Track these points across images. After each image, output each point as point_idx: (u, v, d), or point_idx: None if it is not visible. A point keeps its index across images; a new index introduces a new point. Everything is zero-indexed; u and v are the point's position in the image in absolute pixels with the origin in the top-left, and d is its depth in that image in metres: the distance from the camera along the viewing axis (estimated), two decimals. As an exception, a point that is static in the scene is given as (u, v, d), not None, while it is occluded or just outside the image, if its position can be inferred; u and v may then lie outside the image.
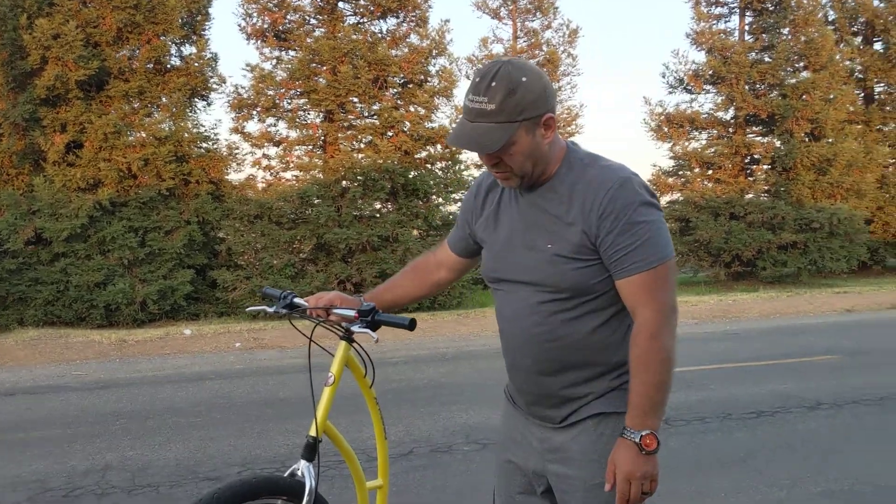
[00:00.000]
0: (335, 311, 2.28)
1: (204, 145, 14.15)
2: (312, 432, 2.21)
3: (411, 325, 2.18)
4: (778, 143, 17.96)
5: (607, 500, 1.88)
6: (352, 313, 2.23)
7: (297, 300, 2.38)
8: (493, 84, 1.78)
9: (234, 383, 7.33)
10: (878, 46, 20.65)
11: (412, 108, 14.89)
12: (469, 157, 15.78)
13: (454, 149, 14.38)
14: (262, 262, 13.34)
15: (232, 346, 10.21)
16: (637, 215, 1.81)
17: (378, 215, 14.29)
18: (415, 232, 14.23)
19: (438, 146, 14.78)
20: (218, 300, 13.46)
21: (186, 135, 13.50)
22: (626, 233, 1.81)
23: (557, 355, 1.92)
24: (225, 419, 5.79)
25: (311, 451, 2.20)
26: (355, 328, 2.24)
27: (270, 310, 2.40)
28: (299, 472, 2.19)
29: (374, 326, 2.22)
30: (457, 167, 15.05)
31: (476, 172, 15.52)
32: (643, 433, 1.82)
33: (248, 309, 2.53)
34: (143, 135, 13.22)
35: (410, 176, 14.20)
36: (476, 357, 8.72)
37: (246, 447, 5.03)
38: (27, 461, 4.81)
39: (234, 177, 14.93)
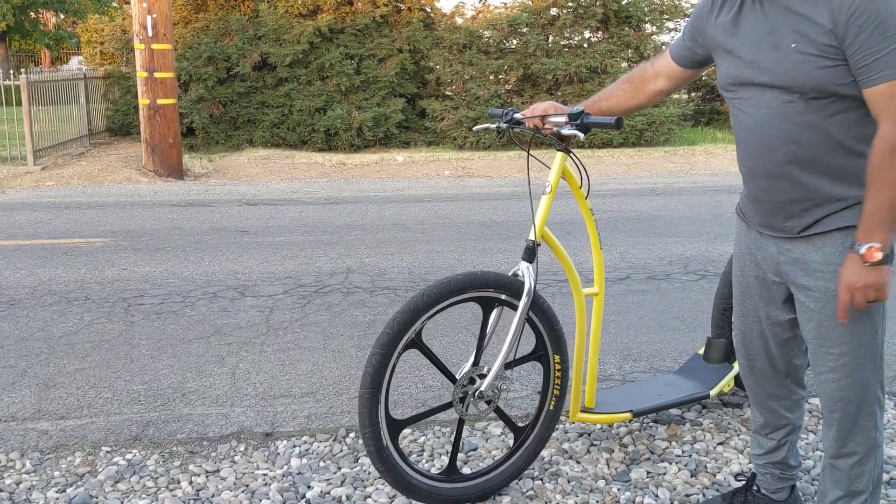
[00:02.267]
0: (549, 119, 2.42)
1: (415, -29, 14.12)
2: (532, 236, 2.37)
3: (618, 124, 2.27)
4: None
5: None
6: (563, 119, 2.37)
7: (517, 115, 2.51)
8: None
9: (450, 206, 7.69)
10: None
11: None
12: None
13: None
14: (469, 92, 13.47)
15: (441, 173, 10.59)
16: (892, 18, 1.71)
17: (587, 45, 13.89)
18: (624, 64, 13.76)
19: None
20: (427, 129, 13.84)
21: (399, -39, 13.52)
22: (878, 36, 1.71)
23: (801, 158, 1.88)
24: (447, 236, 6.15)
25: (530, 253, 2.38)
26: (566, 131, 2.35)
27: (493, 126, 2.56)
28: (520, 272, 2.37)
29: (584, 129, 2.33)
30: (674, -7, 14.18)
31: None
32: (869, 245, 1.80)
33: (475, 129, 2.72)
34: (358, -38, 13.37)
35: (624, 2, 13.58)
36: (687, 193, 8.58)
37: (469, 261, 5.36)
38: (279, 261, 5.39)
39: (445, 4, 14.90)
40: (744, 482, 2.47)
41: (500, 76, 13.99)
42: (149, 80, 9.92)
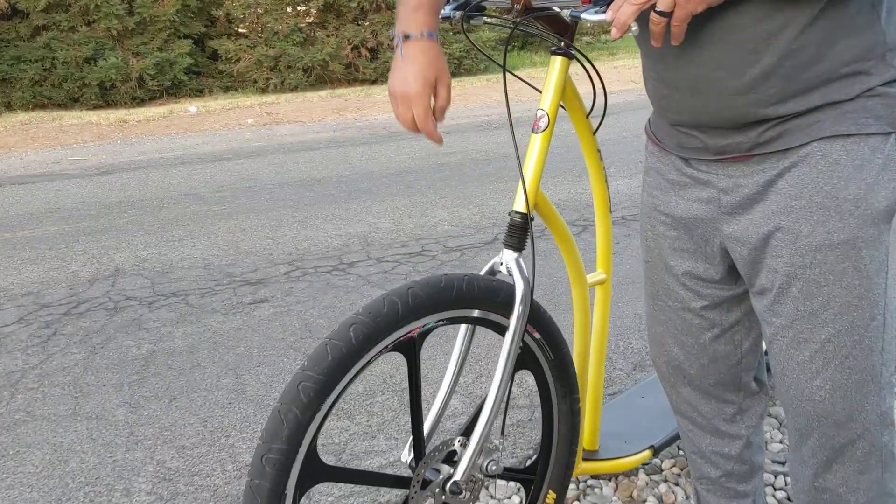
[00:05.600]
0: None
1: None
2: (519, 206, 1.39)
3: None
4: None
5: (843, 272, 1.13)
6: None
7: None
8: None
9: (257, 163, 6.27)
10: None
11: None
12: None
13: None
14: (266, 28, 11.90)
15: (244, 122, 9.08)
16: None
17: (393, -32, 12.58)
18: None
19: None
20: (222, 73, 12.16)
21: None
22: None
23: (757, 39, 1.08)
24: (256, 206, 4.78)
25: (519, 235, 1.39)
26: (588, 15, 1.21)
27: (445, 12, 1.42)
28: (502, 268, 1.40)
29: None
30: None
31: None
32: None
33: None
34: None
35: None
36: (526, 123, 7.56)
37: (289, 240, 4.06)
38: (15, 269, 3.84)
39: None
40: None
41: (300, 7, 12.48)
42: None
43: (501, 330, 1.42)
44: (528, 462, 1.91)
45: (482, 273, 1.42)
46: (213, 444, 2.32)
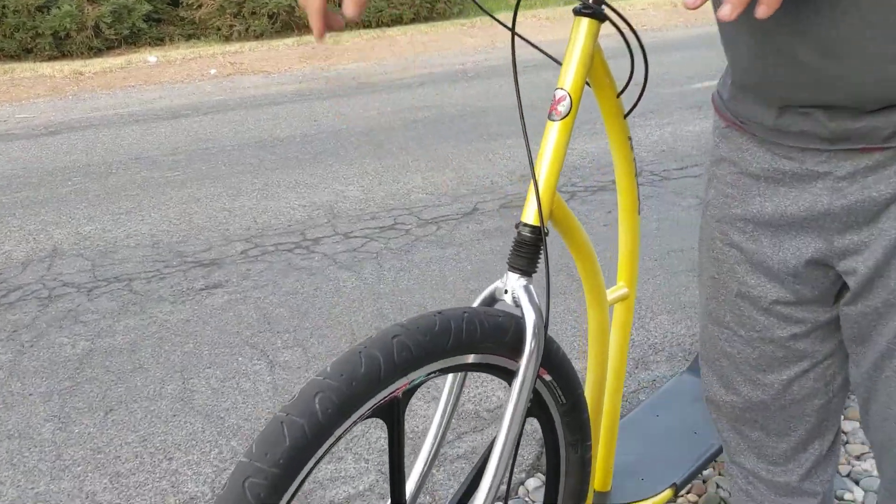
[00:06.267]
0: None
1: None
2: (529, 218, 1.06)
3: None
4: None
5: None
6: None
7: None
8: None
9: (217, 120, 5.84)
10: None
11: None
12: None
13: None
14: (230, -30, 11.29)
15: (206, 73, 8.59)
16: None
17: None
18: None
19: None
20: (183, 20, 11.55)
21: None
22: None
23: None
24: (212, 171, 4.39)
25: (529, 254, 1.07)
26: None
27: None
28: (506, 296, 1.09)
29: None
30: None
31: None
32: None
33: None
34: None
35: None
36: (504, 73, 7.17)
37: (247, 211, 3.69)
38: (-54, 247, 3.47)
39: None
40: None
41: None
42: None
43: (505, 374, 1.10)
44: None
45: (477, 303, 1.10)
46: (152, 469, 2.00)
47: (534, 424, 1.23)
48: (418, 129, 5.02)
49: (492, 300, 1.11)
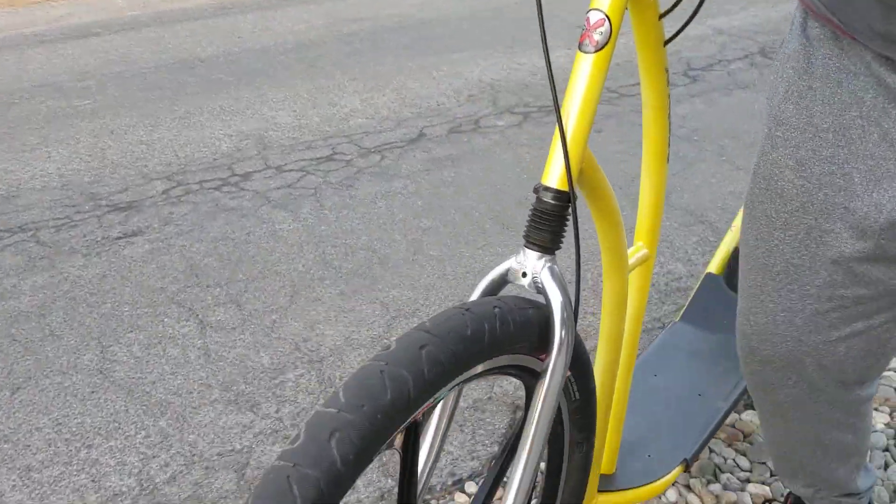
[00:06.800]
0: None
1: None
2: (553, 180, 0.83)
3: None
4: None
5: None
6: None
7: None
8: None
9: (131, 39, 5.34)
10: None
11: None
12: None
13: None
14: None
15: (119, -15, 7.93)
16: None
17: None
18: None
19: None
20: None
21: None
22: None
23: None
24: (127, 98, 3.98)
25: (553, 225, 0.86)
26: None
27: None
28: (524, 280, 0.87)
29: None
30: None
31: None
32: None
33: None
34: None
35: None
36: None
37: (167, 144, 3.33)
38: None
39: None
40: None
41: None
42: None
43: (528, 375, 0.89)
44: None
45: (482, 289, 0.88)
46: (69, 460, 1.74)
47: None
48: (354, 45, 4.64)
49: (501, 284, 0.88)
